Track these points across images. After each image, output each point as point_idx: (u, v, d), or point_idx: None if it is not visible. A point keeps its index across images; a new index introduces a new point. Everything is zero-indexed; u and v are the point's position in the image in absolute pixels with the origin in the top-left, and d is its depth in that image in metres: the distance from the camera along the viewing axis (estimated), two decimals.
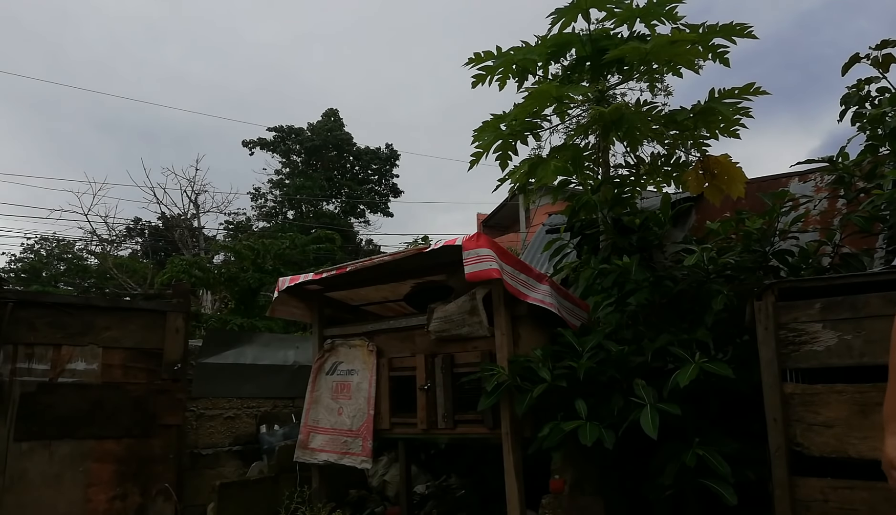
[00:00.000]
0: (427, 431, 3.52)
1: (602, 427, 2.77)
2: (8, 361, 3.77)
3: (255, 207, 27.26)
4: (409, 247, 7.51)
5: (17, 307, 3.85)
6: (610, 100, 4.44)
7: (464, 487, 4.76)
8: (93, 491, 3.86)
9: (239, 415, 5.12)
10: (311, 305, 4.38)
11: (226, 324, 10.02)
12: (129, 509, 3.97)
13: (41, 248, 23.24)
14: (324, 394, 4.12)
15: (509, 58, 4.02)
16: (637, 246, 3.79)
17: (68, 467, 3.82)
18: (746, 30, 3.65)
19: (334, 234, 14.60)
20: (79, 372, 4.00)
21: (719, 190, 3.88)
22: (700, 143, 4.01)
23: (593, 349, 3.11)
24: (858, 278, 2.53)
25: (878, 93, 3.94)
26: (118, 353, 4.15)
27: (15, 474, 3.65)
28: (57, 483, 3.77)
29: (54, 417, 3.82)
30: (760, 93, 3.67)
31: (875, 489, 2.26)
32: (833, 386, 2.40)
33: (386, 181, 29.29)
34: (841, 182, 3.56)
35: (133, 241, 25.80)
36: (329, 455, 3.92)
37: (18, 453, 3.69)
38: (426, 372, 3.55)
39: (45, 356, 3.91)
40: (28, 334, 3.87)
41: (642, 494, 2.92)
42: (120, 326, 4.18)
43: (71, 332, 4.01)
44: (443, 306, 3.50)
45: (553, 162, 3.93)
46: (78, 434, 3.88)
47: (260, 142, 27.44)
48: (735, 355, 2.97)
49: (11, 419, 3.70)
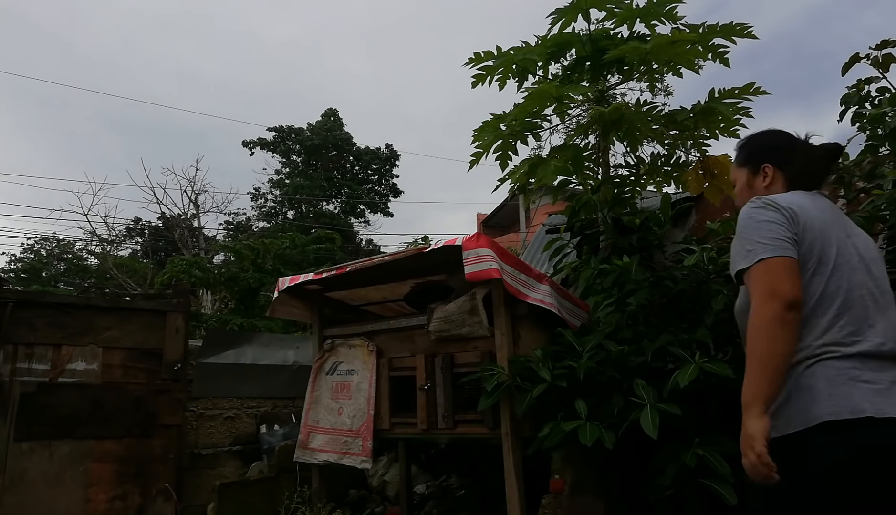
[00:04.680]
0: (427, 431, 3.52)
1: (602, 427, 2.77)
2: (8, 361, 3.78)
3: (255, 207, 27.29)
4: (408, 247, 7.51)
5: (17, 307, 3.85)
6: (610, 100, 4.44)
7: (464, 487, 4.76)
8: (93, 491, 3.87)
9: (239, 415, 5.12)
10: (311, 305, 4.38)
11: (226, 324, 10.02)
12: (129, 509, 3.97)
13: (41, 248, 23.24)
14: (324, 394, 4.12)
15: (509, 58, 4.02)
16: (637, 246, 3.79)
17: (68, 467, 3.82)
18: (746, 30, 3.65)
19: (334, 234, 14.61)
20: (79, 372, 4.00)
21: (719, 190, 3.88)
22: (700, 143, 4.01)
23: (593, 349, 3.10)
24: None
25: (878, 94, 3.94)
26: (118, 353, 4.15)
27: (15, 474, 3.66)
28: (57, 483, 3.77)
29: (54, 417, 3.82)
30: (760, 93, 3.67)
31: None
32: None
33: (386, 181, 29.28)
34: (841, 182, 3.56)
35: (133, 241, 25.82)
36: (329, 455, 3.92)
37: (18, 453, 3.69)
38: (426, 372, 3.55)
39: (45, 356, 3.91)
40: (28, 334, 3.88)
41: (642, 494, 2.92)
42: (120, 326, 4.18)
43: (71, 332, 4.01)
44: (443, 306, 3.50)
45: (553, 162, 3.93)
46: (78, 434, 3.88)
47: (260, 142, 27.45)
48: (735, 355, 2.96)
49: (11, 419, 3.70)
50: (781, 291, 1.41)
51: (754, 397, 1.37)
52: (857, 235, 1.63)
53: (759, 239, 1.49)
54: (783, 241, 1.48)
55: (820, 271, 1.50)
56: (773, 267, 1.45)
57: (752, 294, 1.47)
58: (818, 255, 1.51)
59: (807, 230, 1.52)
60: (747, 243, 1.52)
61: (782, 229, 1.50)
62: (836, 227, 1.58)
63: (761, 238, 1.49)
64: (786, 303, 1.40)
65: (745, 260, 1.50)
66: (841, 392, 1.37)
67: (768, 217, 1.52)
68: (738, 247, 1.55)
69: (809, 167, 1.72)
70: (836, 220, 1.61)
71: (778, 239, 1.48)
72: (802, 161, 1.72)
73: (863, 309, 1.47)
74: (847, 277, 1.50)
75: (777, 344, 1.38)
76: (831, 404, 1.36)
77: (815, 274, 1.50)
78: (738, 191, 1.82)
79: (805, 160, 1.73)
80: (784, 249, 1.47)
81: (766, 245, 1.48)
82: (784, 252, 1.47)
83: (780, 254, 1.46)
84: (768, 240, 1.48)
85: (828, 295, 1.48)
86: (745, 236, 1.53)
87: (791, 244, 1.48)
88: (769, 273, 1.45)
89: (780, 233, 1.49)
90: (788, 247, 1.48)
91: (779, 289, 1.42)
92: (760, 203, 1.57)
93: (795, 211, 1.53)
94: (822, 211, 1.60)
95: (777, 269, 1.45)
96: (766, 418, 1.35)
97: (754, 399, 1.36)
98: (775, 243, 1.47)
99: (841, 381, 1.38)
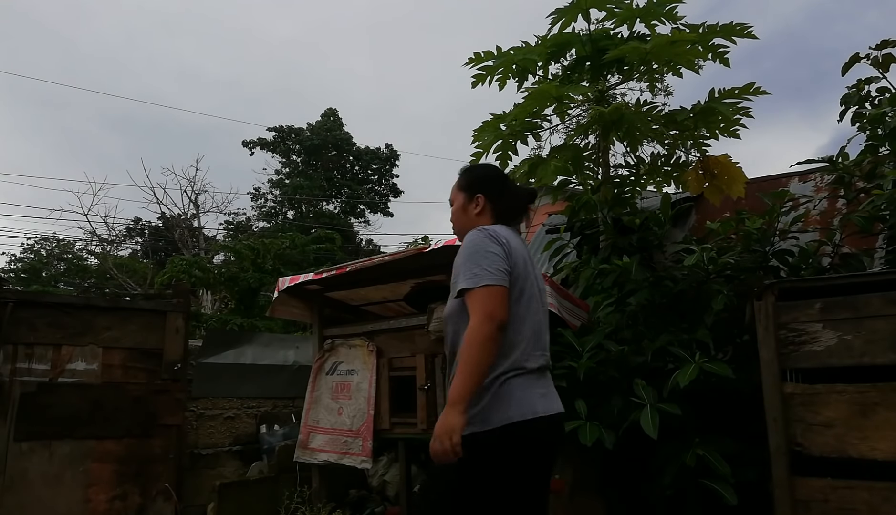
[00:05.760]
0: (427, 431, 3.52)
1: (602, 427, 2.77)
2: (8, 361, 3.77)
3: (255, 207, 27.28)
4: (408, 247, 7.51)
5: (17, 307, 3.85)
6: (610, 100, 4.44)
7: None
8: (93, 491, 3.86)
9: (239, 415, 5.12)
10: (311, 305, 4.38)
11: (226, 324, 10.02)
12: (129, 509, 3.97)
13: (41, 248, 23.24)
14: (324, 394, 4.12)
15: (509, 58, 4.02)
16: (637, 246, 3.79)
17: (68, 467, 3.82)
18: (746, 30, 3.66)
19: (334, 234, 14.62)
20: (79, 372, 4.00)
21: (719, 190, 3.88)
22: (700, 143, 4.01)
23: (593, 349, 3.10)
24: (858, 278, 2.53)
25: (878, 94, 3.94)
26: (118, 353, 4.15)
27: (15, 474, 3.65)
28: (57, 484, 3.76)
29: (54, 417, 3.81)
30: (760, 93, 3.67)
31: (875, 489, 2.26)
32: (833, 386, 2.40)
33: (386, 181, 29.28)
34: (841, 182, 3.56)
35: (133, 241, 25.81)
36: (329, 455, 3.92)
37: (18, 453, 3.69)
38: (426, 372, 3.55)
39: (45, 356, 3.91)
40: (28, 334, 3.87)
41: (642, 494, 2.92)
42: (120, 326, 4.18)
43: (71, 332, 4.01)
44: (443, 306, 3.49)
45: (553, 162, 3.93)
46: (78, 434, 3.87)
47: (260, 142, 27.45)
48: (735, 355, 2.97)
49: (11, 419, 3.70)
50: (497, 315, 1.74)
51: (462, 396, 1.67)
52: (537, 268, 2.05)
53: (486, 266, 1.80)
54: (502, 272, 1.81)
55: (520, 300, 1.87)
56: (493, 294, 1.76)
57: (472, 312, 1.77)
58: (520, 287, 1.87)
59: (515, 265, 1.87)
60: (475, 267, 1.81)
61: (502, 262, 1.82)
62: (529, 263, 1.96)
63: (488, 266, 1.80)
64: (499, 325, 1.74)
65: (471, 281, 1.79)
66: (527, 398, 1.78)
67: (494, 249, 1.84)
68: (464, 267, 1.83)
69: (513, 205, 2.09)
70: (529, 256, 2.00)
71: (500, 270, 1.81)
72: (509, 199, 2.08)
73: (539, 333, 1.90)
74: (534, 306, 1.90)
75: (488, 357, 1.72)
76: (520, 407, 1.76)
77: (517, 302, 1.86)
78: (454, 210, 2.15)
79: (511, 199, 2.08)
80: (502, 280, 1.80)
81: (490, 273, 1.79)
82: (502, 282, 1.79)
83: (499, 283, 1.78)
84: (493, 269, 1.80)
85: (523, 321, 1.86)
86: (473, 260, 1.83)
87: (506, 275, 1.82)
88: (490, 298, 1.76)
89: (500, 265, 1.81)
90: (504, 279, 1.80)
91: (495, 313, 1.74)
92: (487, 234, 1.87)
93: (511, 247, 1.88)
94: (522, 247, 1.96)
95: (496, 296, 1.77)
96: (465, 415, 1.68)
97: (461, 398, 1.67)
98: (497, 273, 1.79)
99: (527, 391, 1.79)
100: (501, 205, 2.06)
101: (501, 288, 1.78)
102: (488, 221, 2.02)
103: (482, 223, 1.99)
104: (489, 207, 2.05)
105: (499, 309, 1.75)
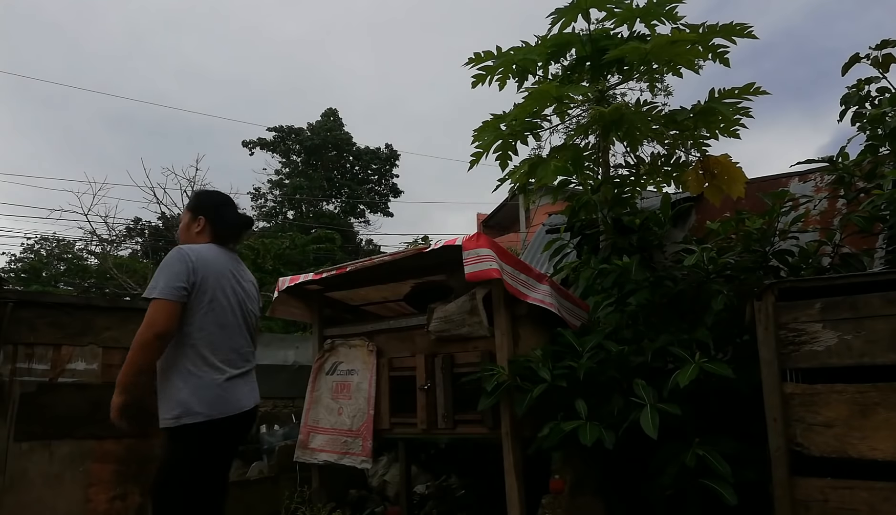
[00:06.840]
0: (427, 431, 3.52)
1: (602, 427, 2.77)
2: (8, 361, 3.77)
3: (255, 207, 27.28)
4: (408, 247, 7.51)
5: (17, 307, 3.84)
6: (610, 100, 4.44)
7: (464, 487, 4.76)
8: (93, 491, 3.86)
9: None
10: (311, 305, 4.38)
11: None
12: (129, 509, 3.97)
13: (41, 248, 23.22)
14: (324, 394, 4.12)
15: (509, 58, 4.02)
16: (637, 246, 3.79)
17: (68, 467, 3.81)
18: (746, 30, 3.65)
19: (334, 234, 14.63)
20: (79, 372, 4.00)
21: (719, 190, 3.87)
22: (700, 143, 4.00)
23: (593, 349, 3.10)
24: (858, 278, 2.53)
25: (878, 94, 3.94)
26: (118, 353, 4.13)
27: (15, 474, 3.65)
28: (57, 484, 3.76)
29: (54, 417, 3.81)
30: (760, 93, 3.67)
31: (875, 489, 2.26)
32: (833, 386, 2.40)
33: (386, 181, 29.28)
34: (841, 182, 3.56)
35: (133, 241, 25.77)
36: (329, 455, 3.92)
37: (18, 453, 3.69)
38: (426, 372, 3.55)
39: (45, 356, 3.91)
40: (28, 334, 3.87)
41: (642, 494, 2.92)
42: (120, 326, 4.17)
43: (71, 332, 4.00)
44: (443, 306, 3.50)
45: (553, 162, 3.93)
46: (78, 434, 3.87)
47: (260, 142, 27.45)
48: (735, 355, 2.97)
49: (11, 419, 3.69)
50: (157, 324, 2.13)
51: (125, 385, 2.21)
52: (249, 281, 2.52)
53: (165, 280, 2.18)
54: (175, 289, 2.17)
55: (211, 310, 2.25)
56: (160, 307, 2.16)
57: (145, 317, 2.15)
58: (210, 299, 2.25)
59: (205, 280, 2.24)
60: (159, 279, 2.20)
61: (181, 279, 2.19)
62: (230, 277, 2.37)
63: (167, 280, 2.18)
64: (157, 334, 2.13)
65: (150, 291, 2.19)
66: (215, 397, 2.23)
67: (177, 267, 2.21)
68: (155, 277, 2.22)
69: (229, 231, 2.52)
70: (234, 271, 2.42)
71: (174, 286, 2.17)
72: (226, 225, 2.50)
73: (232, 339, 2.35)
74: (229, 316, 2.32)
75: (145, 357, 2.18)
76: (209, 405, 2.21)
77: (207, 313, 2.24)
78: (181, 226, 2.54)
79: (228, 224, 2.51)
80: (173, 295, 2.17)
81: (163, 288, 2.17)
82: (172, 297, 2.17)
83: (169, 298, 2.16)
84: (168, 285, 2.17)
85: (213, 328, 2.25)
86: (159, 273, 2.22)
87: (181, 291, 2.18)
88: (155, 309, 2.15)
89: (177, 282, 2.18)
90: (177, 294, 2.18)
91: (156, 323, 2.13)
92: (180, 254, 2.25)
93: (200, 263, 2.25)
94: (224, 264, 2.37)
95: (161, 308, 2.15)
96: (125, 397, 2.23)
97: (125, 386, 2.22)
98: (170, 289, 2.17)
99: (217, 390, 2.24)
100: (219, 229, 2.47)
101: (169, 303, 2.16)
102: (206, 240, 2.43)
103: (201, 241, 2.42)
104: (209, 228, 2.46)
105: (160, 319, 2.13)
